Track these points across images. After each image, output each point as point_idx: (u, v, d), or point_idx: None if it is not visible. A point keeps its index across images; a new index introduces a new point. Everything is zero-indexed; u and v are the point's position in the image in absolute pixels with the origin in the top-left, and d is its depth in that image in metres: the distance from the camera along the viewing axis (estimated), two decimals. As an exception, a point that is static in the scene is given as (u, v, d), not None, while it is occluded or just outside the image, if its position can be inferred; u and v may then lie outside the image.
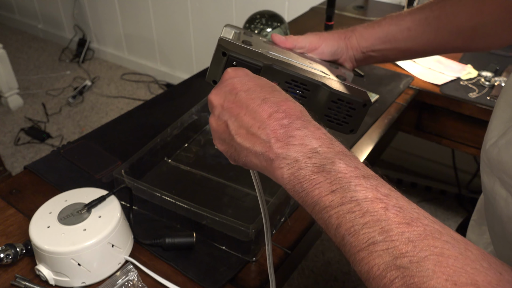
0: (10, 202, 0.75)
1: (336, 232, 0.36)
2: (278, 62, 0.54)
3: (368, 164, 0.40)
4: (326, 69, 0.61)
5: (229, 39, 0.54)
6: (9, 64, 2.38)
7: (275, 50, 0.59)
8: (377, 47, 0.68)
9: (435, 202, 1.86)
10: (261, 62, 0.52)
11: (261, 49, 0.56)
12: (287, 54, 0.60)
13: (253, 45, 0.56)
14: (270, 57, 0.54)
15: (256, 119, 0.41)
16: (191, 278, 0.62)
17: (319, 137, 0.40)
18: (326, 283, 1.55)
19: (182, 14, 2.43)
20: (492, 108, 1.00)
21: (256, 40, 0.59)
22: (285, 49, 0.63)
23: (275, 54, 0.56)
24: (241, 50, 0.52)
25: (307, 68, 0.56)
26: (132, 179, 0.71)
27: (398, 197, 0.36)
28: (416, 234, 0.32)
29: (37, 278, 0.62)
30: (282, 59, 0.56)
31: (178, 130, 0.86)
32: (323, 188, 0.37)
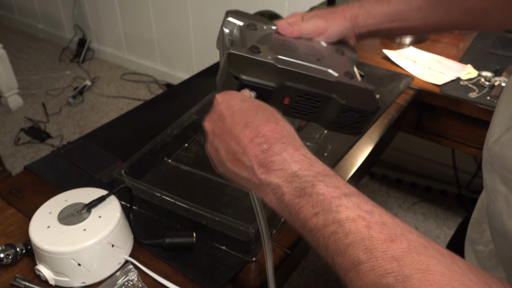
0: (10, 202, 0.75)
1: (326, 253, 0.36)
2: (289, 75, 0.54)
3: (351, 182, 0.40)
4: (333, 62, 0.60)
5: (238, 53, 0.53)
6: (9, 64, 2.38)
7: (283, 46, 0.59)
8: (385, 26, 0.66)
9: (435, 202, 1.86)
10: (273, 83, 0.52)
11: (270, 55, 0.55)
12: (295, 49, 0.59)
13: (261, 48, 0.56)
14: (281, 69, 0.54)
15: (240, 144, 0.42)
16: (191, 278, 0.62)
17: (298, 159, 0.40)
18: (326, 283, 1.55)
19: (182, 14, 2.43)
20: (492, 108, 1.00)
21: (263, 38, 0.59)
22: (292, 39, 0.62)
23: (284, 58, 0.56)
24: (252, 67, 0.52)
25: (317, 73, 0.56)
26: (132, 179, 0.71)
27: (381, 213, 0.36)
28: (401, 251, 0.32)
29: (37, 278, 0.62)
30: (292, 64, 0.56)
31: (178, 130, 0.86)
32: (307, 211, 0.37)
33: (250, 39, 0.58)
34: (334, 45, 0.66)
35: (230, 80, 0.51)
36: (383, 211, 0.36)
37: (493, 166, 0.49)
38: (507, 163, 0.44)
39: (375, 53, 1.26)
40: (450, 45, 1.31)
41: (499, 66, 1.15)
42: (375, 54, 1.26)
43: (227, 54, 0.53)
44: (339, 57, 0.63)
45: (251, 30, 0.60)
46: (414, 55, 1.24)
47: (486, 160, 0.51)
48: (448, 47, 1.30)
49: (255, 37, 0.59)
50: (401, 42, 1.32)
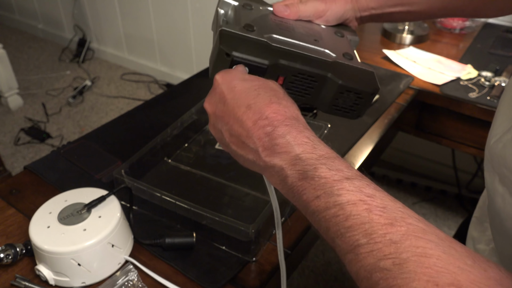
0: (10, 202, 0.75)
1: (326, 235, 0.36)
2: (283, 54, 0.51)
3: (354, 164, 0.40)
4: (332, 43, 0.58)
5: (231, 31, 0.51)
6: (9, 64, 2.38)
7: (279, 26, 0.57)
8: (388, 10, 0.65)
9: (435, 202, 1.86)
10: (266, 61, 0.50)
11: (265, 34, 0.53)
12: (291, 30, 0.57)
13: (256, 27, 0.53)
14: (275, 48, 0.52)
15: (243, 127, 0.42)
16: (191, 278, 0.62)
17: (301, 142, 0.40)
18: (326, 283, 1.55)
19: (182, 14, 2.43)
20: (492, 108, 1.00)
21: (258, 17, 0.57)
22: (289, 20, 0.60)
23: (279, 38, 0.54)
24: (245, 45, 0.50)
25: (313, 53, 0.54)
26: (132, 179, 0.71)
27: (383, 196, 0.36)
28: (399, 235, 0.32)
29: (37, 278, 0.62)
30: (287, 43, 0.54)
31: (178, 130, 0.86)
32: (309, 194, 0.37)
33: (245, 18, 0.55)
34: (333, 27, 0.63)
35: (222, 58, 0.50)
36: (385, 194, 0.36)
37: (493, 166, 0.49)
38: (508, 163, 0.45)
39: (375, 53, 1.26)
40: (450, 45, 1.31)
41: (499, 66, 1.15)
42: (375, 54, 1.26)
43: (219, 32, 0.51)
44: (338, 39, 0.61)
45: (247, 10, 0.58)
46: (414, 55, 1.24)
47: (487, 160, 0.51)
48: (448, 47, 1.30)
49: (250, 17, 0.56)
50: (401, 42, 1.32)
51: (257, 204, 0.76)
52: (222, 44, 0.49)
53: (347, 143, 0.90)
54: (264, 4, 0.61)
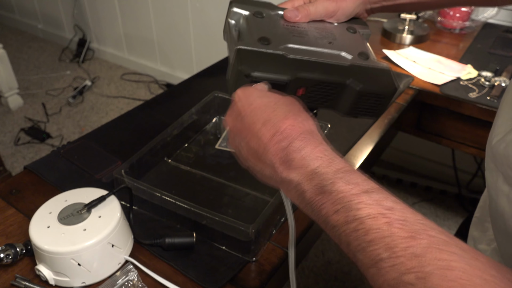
0: (10, 202, 0.75)
1: (348, 250, 0.36)
2: (301, 64, 0.52)
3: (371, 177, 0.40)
4: (346, 42, 0.59)
5: (248, 49, 0.52)
6: (9, 64, 2.38)
7: (292, 32, 0.57)
8: (400, 1, 0.64)
9: (435, 202, 1.86)
10: (286, 76, 0.50)
11: (280, 45, 0.54)
12: (305, 35, 0.57)
13: (271, 38, 0.54)
14: (292, 60, 0.52)
15: (260, 142, 0.42)
16: (191, 278, 0.62)
17: (317, 156, 0.40)
18: (326, 283, 1.55)
19: (182, 14, 2.43)
20: (492, 108, 1.00)
21: (271, 26, 0.57)
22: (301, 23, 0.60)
23: (295, 47, 0.54)
24: (263, 63, 0.51)
25: (330, 58, 0.54)
26: (132, 179, 0.71)
27: (402, 209, 0.35)
28: (421, 248, 0.32)
29: (37, 278, 0.62)
30: (303, 52, 0.54)
31: (178, 130, 0.86)
32: (328, 209, 0.37)
33: (258, 28, 0.56)
34: (344, 23, 0.63)
35: (241, 78, 0.50)
36: (405, 206, 0.36)
37: (496, 165, 0.49)
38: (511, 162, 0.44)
39: (375, 53, 1.26)
40: (450, 45, 1.31)
41: (499, 66, 1.15)
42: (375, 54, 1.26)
43: (236, 50, 0.51)
44: (352, 36, 0.61)
45: (258, 18, 0.58)
46: (414, 55, 1.24)
47: (489, 159, 0.51)
48: (448, 47, 1.30)
49: (262, 26, 0.56)
50: (401, 42, 1.32)
51: (257, 204, 0.76)
52: (241, 65, 0.50)
53: (347, 143, 0.90)
54: (274, 8, 0.61)
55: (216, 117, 0.96)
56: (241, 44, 0.52)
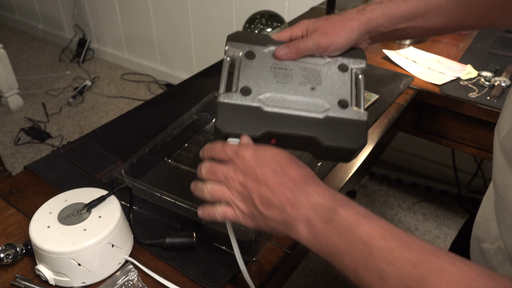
0: (10, 202, 0.75)
1: (350, 270, 0.41)
2: (275, 118, 0.57)
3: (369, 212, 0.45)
4: (331, 86, 0.60)
5: (226, 102, 0.57)
6: (9, 64, 2.38)
7: (278, 76, 0.60)
8: (401, 26, 0.63)
9: (435, 202, 1.86)
10: (257, 132, 0.56)
11: (260, 94, 0.58)
12: (290, 78, 0.60)
13: (252, 87, 0.58)
14: (266, 113, 0.57)
15: (271, 190, 0.47)
16: (191, 278, 0.62)
17: (321, 192, 0.46)
18: (326, 283, 1.55)
19: (182, 14, 2.43)
20: (491, 108, 1.00)
21: (258, 68, 0.60)
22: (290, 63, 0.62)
23: (274, 95, 0.58)
24: (239, 117, 0.56)
25: (305, 110, 0.57)
26: (132, 179, 0.71)
27: (397, 230, 0.41)
28: (417, 259, 0.37)
29: (37, 278, 0.62)
30: (280, 104, 0.58)
31: (178, 130, 0.86)
32: (333, 235, 0.43)
33: (244, 75, 0.59)
34: (339, 56, 0.63)
35: (218, 132, 0.56)
36: (398, 228, 0.42)
37: (507, 161, 0.49)
38: None
39: (375, 53, 1.27)
40: (450, 45, 1.31)
41: (499, 66, 1.15)
42: (375, 54, 1.26)
43: (217, 103, 0.57)
44: (340, 76, 0.61)
45: (248, 60, 0.61)
46: (414, 55, 1.24)
47: (498, 155, 0.51)
48: (448, 47, 1.30)
49: (249, 71, 0.60)
50: (401, 42, 1.32)
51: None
52: (217, 121, 0.56)
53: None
54: (268, 42, 0.63)
55: (216, 117, 0.96)
56: (222, 97, 0.57)
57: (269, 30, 1.15)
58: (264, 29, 1.15)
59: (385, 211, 1.82)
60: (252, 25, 1.16)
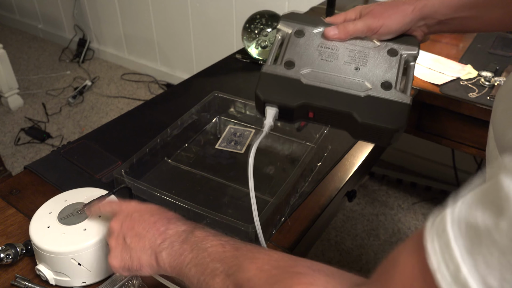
0: (10, 202, 0.75)
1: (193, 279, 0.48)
2: (313, 91, 0.57)
3: None
4: (376, 69, 0.59)
5: (269, 72, 0.59)
6: (9, 64, 2.38)
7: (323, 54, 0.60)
8: (461, 14, 0.60)
9: (435, 202, 1.86)
10: (294, 103, 0.57)
11: (303, 69, 0.59)
12: (335, 57, 0.60)
13: (297, 62, 0.59)
14: (305, 86, 0.58)
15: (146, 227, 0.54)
16: (191, 278, 0.62)
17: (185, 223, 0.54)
18: (326, 283, 1.55)
19: (182, 14, 2.43)
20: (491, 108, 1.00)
21: (305, 46, 0.61)
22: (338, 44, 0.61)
23: (315, 71, 0.59)
24: (278, 87, 0.58)
25: (346, 87, 0.57)
26: (132, 179, 0.71)
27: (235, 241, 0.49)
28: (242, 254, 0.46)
29: (37, 278, 0.62)
30: (321, 78, 0.58)
31: (178, 130, 0.86)
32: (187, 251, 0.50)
33: (291, 50, 0.61)
34: (390, 41, 0.62)
35: (258, 99, 0.59)
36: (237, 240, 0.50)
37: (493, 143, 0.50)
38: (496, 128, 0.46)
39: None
40: (450, 45, 1.31)
41: (499, 66, 1.15)
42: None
43: (260, 73, 0.59)
44: (388, 60, 0.60)
45: (297, 38, 0.62)
46: (414, 55, 1.24)
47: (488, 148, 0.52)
48: (448, 47, 1.30)
49: (296, 48, 0.61)
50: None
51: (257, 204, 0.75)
52: (257, 89, 0.59)
53: (347, 143, 0.90)
54: (318, 24, 0.63)
55: (216, 117, 0.96)
56: (265, 67, 0.60)
57: (269, 30, 1.15)
58: (264, 29, 1.15)
59: (385, 211, 1.82)
60: (252, 25, 1.16)
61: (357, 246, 1.68)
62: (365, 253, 1.65)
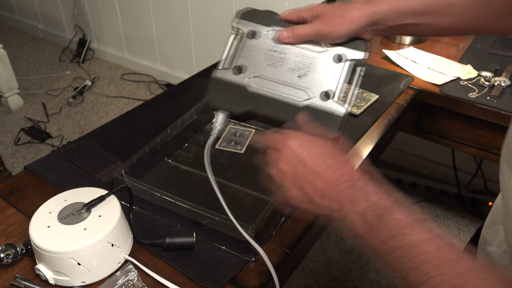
0: (10, 202, 0.75)
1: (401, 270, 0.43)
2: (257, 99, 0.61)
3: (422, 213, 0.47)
4: (319, 76, 0.61)
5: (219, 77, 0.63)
6: (9, 64, 2.38)
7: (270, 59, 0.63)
8: (409, 21, 0.61)
9: (435, 202, 1.86)
10: (238, 110, 0.61)
11: (250, 75, 0.62)
12: (282, 63, 0.62)
13: (247, 67, 0.62)
14: (250, 93, 0.61)
15: (327, 183, 0.50)
16: (191, 278, 0.63)
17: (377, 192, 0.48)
18: (326, 283, 1.55)
19: (182, 14, 2.43)
20: (491, 108, 1.00)
21: (255, 50, 0.63)
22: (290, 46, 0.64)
23: (261, 79, 0.62)
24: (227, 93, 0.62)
25: (287, 96, 0.60)
26: (133, 179, 0.72)
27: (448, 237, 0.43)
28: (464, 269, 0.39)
29: (37, 278, 0.62)
30: (265, 85, 0.61)
31: (178, 130, 0.86)
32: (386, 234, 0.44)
33: (242, 53, 0.63)
34: (339, 45, 0.63)
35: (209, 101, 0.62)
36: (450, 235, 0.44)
37: (508, 162, 0.49)
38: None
39: (375, 53, 1.27)
40: (450, 45, 1.31)
41: (498, 66, 1.15)
42: (375, 54, 1.26)
43: (210, 78, 0.63)
44: (333, 66, 0.62)
45: (249, 39, 0.64)
46: (414, 55, 1.24)
47: (503, 159, 0.51)
48: (448, 47, 1.30)
49: (247, 51, 0.63)
50: (401, 42, 1.32)
51: (257, 204, 0.76)
52: (207, 95, 0.63)
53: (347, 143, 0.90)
54: (273, 24, 0.65)
55: (216, 117, 0.96)
56: (216, 72, 0.63)
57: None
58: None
59: (385, 211, 1.82)
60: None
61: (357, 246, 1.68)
62: (365, 253, 1.65)
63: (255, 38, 0.64)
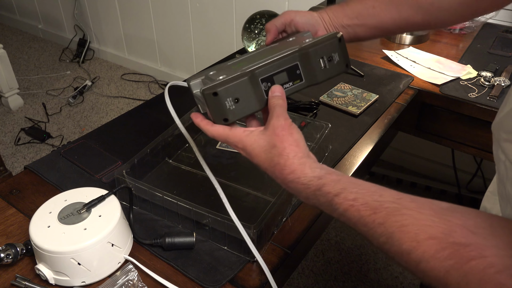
0: (10, 202, 0.75)
1: None
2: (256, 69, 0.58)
3: None
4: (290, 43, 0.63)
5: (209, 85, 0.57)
6: (9, 64, 2.38)
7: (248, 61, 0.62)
8: (347, 22, 0.72)
9: (435, 202, 1.86)
10: (243, 77, 0.56)
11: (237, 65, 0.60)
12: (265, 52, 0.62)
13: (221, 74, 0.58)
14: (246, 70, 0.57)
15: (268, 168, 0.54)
16: (191, 278, 0.63)
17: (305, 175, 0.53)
18: (326, 283, 1.55)
19: (182, 14, 2.43)
20: (491, 108, 1.00)
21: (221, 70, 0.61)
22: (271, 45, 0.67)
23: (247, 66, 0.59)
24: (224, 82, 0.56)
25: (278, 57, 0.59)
26: (133, 180, 0.72)
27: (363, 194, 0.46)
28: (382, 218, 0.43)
29: (37, 278, 0.62)
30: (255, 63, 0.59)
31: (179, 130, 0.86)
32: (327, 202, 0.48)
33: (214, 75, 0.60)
34: None
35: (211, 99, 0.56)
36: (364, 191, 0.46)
37: (496, 136, 0.53)
38: (505, 125, 0.50)
39: (375, 53, 1.27)
40: (450, 45, 1.31)
41: (498, 66, 1.15)
42: (375, 54, 1.26)
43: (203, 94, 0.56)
44: (292, 40, 0.66)
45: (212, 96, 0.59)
46: (414, 55, 1.24)
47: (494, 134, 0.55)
48: (448, 47, 1.30)
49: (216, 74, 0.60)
50: (401, 42, 1.32)
51: (258, 204, 0.76)
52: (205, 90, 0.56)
53: (347, 143, 0.90)
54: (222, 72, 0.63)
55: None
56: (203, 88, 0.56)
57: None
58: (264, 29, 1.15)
59: (385, 211, 1.82)
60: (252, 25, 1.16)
61: (357, 246, 1.68)
62: (365, 253, 1.65)
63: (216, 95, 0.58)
